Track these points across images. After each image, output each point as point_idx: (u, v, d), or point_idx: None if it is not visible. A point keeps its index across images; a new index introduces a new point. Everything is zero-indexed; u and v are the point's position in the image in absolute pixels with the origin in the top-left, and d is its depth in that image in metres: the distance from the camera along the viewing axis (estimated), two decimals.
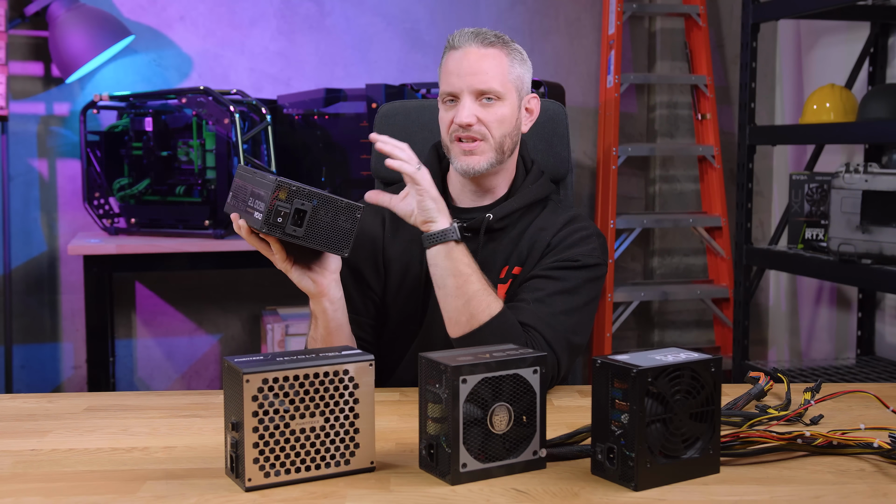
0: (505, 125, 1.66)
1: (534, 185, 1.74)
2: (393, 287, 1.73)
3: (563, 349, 1.57)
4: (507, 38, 1.70)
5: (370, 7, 3.72)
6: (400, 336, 1.73)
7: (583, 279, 1.64)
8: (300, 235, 1.42)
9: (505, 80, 1.66)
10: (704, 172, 3.89)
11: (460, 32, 1.68)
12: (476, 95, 1.64)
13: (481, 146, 1.65)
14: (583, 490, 1.12)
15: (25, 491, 1.12)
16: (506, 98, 1.66)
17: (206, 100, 3.05)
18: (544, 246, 1.67)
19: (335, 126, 3.31)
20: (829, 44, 3.48)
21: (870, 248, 2.58)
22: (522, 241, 1.70)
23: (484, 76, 1.63)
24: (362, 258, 1.72)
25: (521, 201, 1.71)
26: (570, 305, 1.61)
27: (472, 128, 1.64)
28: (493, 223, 1.68)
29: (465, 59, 1.64)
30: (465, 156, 1.66)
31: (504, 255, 1.70)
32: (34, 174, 3.51)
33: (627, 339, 4.05)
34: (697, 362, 1.14)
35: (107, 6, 3.49)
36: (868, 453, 1.24)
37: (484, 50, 1.65)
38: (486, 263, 1.68)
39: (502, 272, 1.69)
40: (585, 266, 1.64)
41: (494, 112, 1.65)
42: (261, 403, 1.11)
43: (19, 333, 3.51)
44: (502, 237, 1.71)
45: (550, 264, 1.64)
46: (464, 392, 1.12)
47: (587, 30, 3.91)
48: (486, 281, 1.54)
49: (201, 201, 3.11)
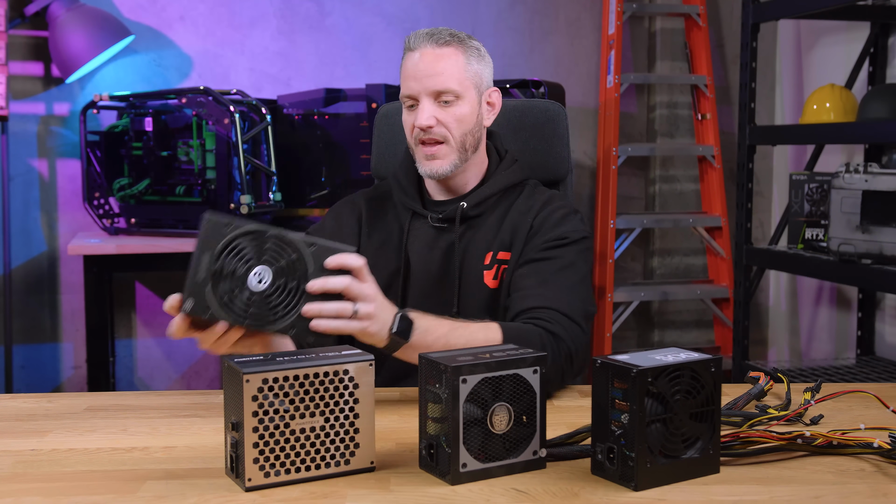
0: (465, 124, 1.67)
1: (507, 171, 1.75)
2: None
3: (583, 319, 1.59)
4: (464, 36, 1.70)
5: (370, 7, 3.72)
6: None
7: (576, 252, 1.66)
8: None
9: (462, 78, 1.66)
10: (704, 172, 3.89)
11: (415, 34, 1.68)
12: (434, 97, 1.66)
13: (443, 149, 1.67)
14: (583, 490, 1.12)
15: (25, 491, 1.12)
16: (464, 96, 1.67)
17: (206, 100, 3.05)
18: (528, 229, 1.69)
19: (335, 126, 3.31)
20: (829, 44, 3.48)
21: (870, 248, 2.58)
22: (504, 226, 1.71)
23: (440, 77, 1.65)
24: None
25: (493, 187, 1.73)
26: (575, 279, 1.63)
27: (432, 130, 1.66)
28: (469, 210, 1.71)
29: (421, 61, 1.66)
30: (428, 160, 1.68)
31: (486, 241, 1.71)
32: (34, 174, 3.51)
33: (627, 339, 4.05)
34: (697, 362, 1.14)
35: (107, 6, 3.49)
36: (868, 453, 1.24)
37: (439, 50, 1.66)
38: (468, 252, 1.70)
39: (486, 258, 1.70)
40: (575, 241, 1.67)
41: (453, 112, 1.66)
42: (261, 403, 1.11)
43: (19, 333, 3.51)
44: (481, 224, 1.72)
45: (542, 246, 1.66)
46: (464, 392, 1.12)
47: (587, 30, 3.91)
48: (465, 323, 1.49)
49: (201, 201, 3.11)
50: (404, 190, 1.77)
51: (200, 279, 1.26)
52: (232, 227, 1.26)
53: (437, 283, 1.72)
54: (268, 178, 3.17)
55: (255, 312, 1.26)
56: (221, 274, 1.25)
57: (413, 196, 1.76)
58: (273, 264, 1.27)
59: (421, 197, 1.78)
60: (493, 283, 1.69)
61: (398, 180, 1.79)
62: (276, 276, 1.26)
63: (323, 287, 1.28)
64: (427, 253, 1.73)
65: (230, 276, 1.25)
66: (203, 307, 1.25)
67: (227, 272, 1.25)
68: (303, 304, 1.27)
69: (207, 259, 1.26)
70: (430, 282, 1.72)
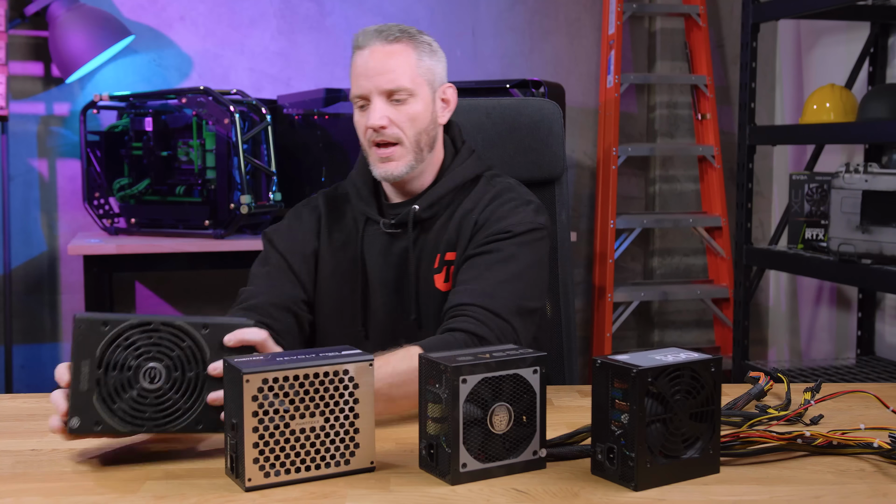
0: (419, 122, 1.61)
1: (460, 166, 1.68)
2: (323, 286, 1.68)
3: (512, 314, 1.51)
4: (414, 31, 1.64)
5: (370, 7, 3.72)
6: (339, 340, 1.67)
7: (518, 244, 1.58)
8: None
9: (414, 74, 1.60)
10: (704, 172, 3.89)
11: (363, 31, 1.62)
12: (386, 95, 1.59)
13: (397, 151, 1.61)
14: (583, 490, 1.12)
15: (25, 491, 1.12)
16: (417, 94, 1.60)
17: (206, 100, 3.05)
18: (472, 225, 1.62)
19: (335, 126, 3.30)
20: (829, 44, 3.48)
21: (870, 248, 2.58)
22: (451, 224, 1.64)
23: (391, 75, 1.58)
24: (296, 250, 1.68)
25: (446, 186, 1.66)
26: (510, 273, 1.55)
27: (385, 130, 1.59)
28: (421, 213, 1.64)
29: (370, 59, 1.59)
30: (383, 163, 1.61)
31: (434, 243, 1.64)
32: (34, 174, 3.51)
33: (627, 339, 4.05)
34: (697, 362, 1.14)
35: (107, 6, 3.49)
36: (868, 453, 1.24)
37: (389, 47, 1.60)
38: (422, 256, 1.64)
39: (436, 261, 1.64)
40: (519, 234, 1.58)
41: (406, 111, 1.60)
42: (261, 403, 1.11)
43: (19, 333, 3.51)
44: (432, 226, 1.65)
45: (482, 240, 1.59)
46: (464, 392, 1.12)
47: (587, 30, 3.91)
48: (386, 357, 1.38)
49: (201, 201, 3.11)
50: (360, 194, 1.70)
51: (84, 390, 1.13)
52: (109, 325, 1.14)
53: (394, 292, 1.66)
54: (268, 178, 3.17)
55: (154, 416, 1.16)
56: (107, 380, 1.14)
57: (368, 200, 1.69)
58: (164, 358, 1.16)
59: (378, 200, 1.71)
60: (444, 286, 1.63)
61: (354, 183, 1.72)
62: (170, 369, 1.17)
63: None
64: (382, 261, 1.67)
65: (118, 380, 1.14)
66: (92, 422, 1.14)
67: (114, 377, 1.14)
68: (206, 393, 1.18)
69: (88, 366, 1.13)
70: (388, 291, 1.66)
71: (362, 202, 1.70)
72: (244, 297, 1.64)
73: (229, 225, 3.06)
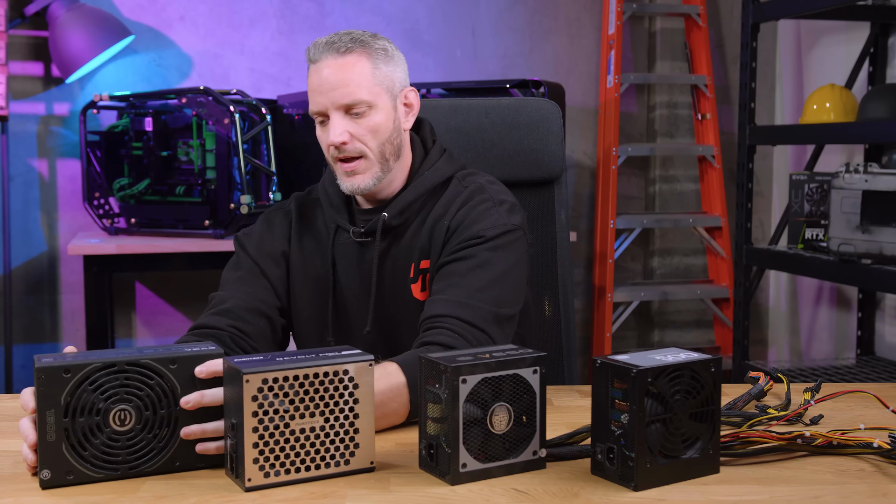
0: (381, 133, 1.56)
1: (430, 170, 1.63)
2: (296, 290, 1.66)
3: (489, 323, 1.47)
4: (367, 37, 1.57)
5: (370, 7, 3.72)
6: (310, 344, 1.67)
7: (491, 249, 1.53)
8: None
9: (371, 85, 1.54)
10: (704, 172, 3.89)
11: (315, 44, 1.57)
12: (344, 110, 1.54)
13: (362, 164, 1.56)
14: (583, 490, 1.12)
15: (25, 491, 1.12)
16: (376, 104, 1.55)
17: (206, 100, 3.05)
18: (444, 231, 1.57)
19: None
20: (829, 44, 3.48)
21: (870, 248, 2.58)
22: (422, 231, 1.60)
23: (346, 89, 1.53)
24: (267, 255, 1.66)
25: (415, 192, 1.61)
26: (486, 279, 1.50)
27: (346, 146, 1.54)
28: (391, 220, 1.59)
29: (324, 74, 1.54)
30: (349, 177, 1.57)
31: (408, 252, 1.60)
32: (34, 174, 3.51)
33: (627, 339, 4.05)
34: (697, 362, 1.14)
35: (107, 6, 3.49)
36: (868, 453, 1.24)
37: (341, 59, 1.54)
38: (395, 265, 1.61)
39: (411, 270, 1.60)
40: (491, 238, 1.54)
41: (366, 123, 1.54)
42: (261, 403, 1.11)
43: (19, 333, 3.51)
44: (404, 234, 1.61)
45: (455, 247, 1.55)
46: (463, 392, 1.12)
47: (587, 30, 3.91)
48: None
49: (201, 201, 3.11)
50: (331, 201, 1.66)
51: (52, 440, 1.09)
52: (71, 371, 1.09)
53: (364, 302, 1.63)
54: (268, 178, 3.17)
55: (128, 458, 1.13)
56: (75, 427, 1.10)
57: (339, 208, 1.65)
58: (133, 399, 1.12)
59: (349, 206, 1.66)
60: (422, 295, 1.59)
61: (325, 190, 1.68)
62: (141, 409, 1.13)
63: (199, 401, 1.15)
64: (352, 270, 1.64)
65: (86, 425, 1.10)
66: (64, 473, 1.10)
67: (81, 423, 1.10)
68: (180, 429, 1.15)
69: (54, 416, 1.09)
70: (358, 300, 1.63)
71: (333, 209, 1.66)
72: (216, 301, 1.60)
73: (229, 225, 3.06)
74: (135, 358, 1.13)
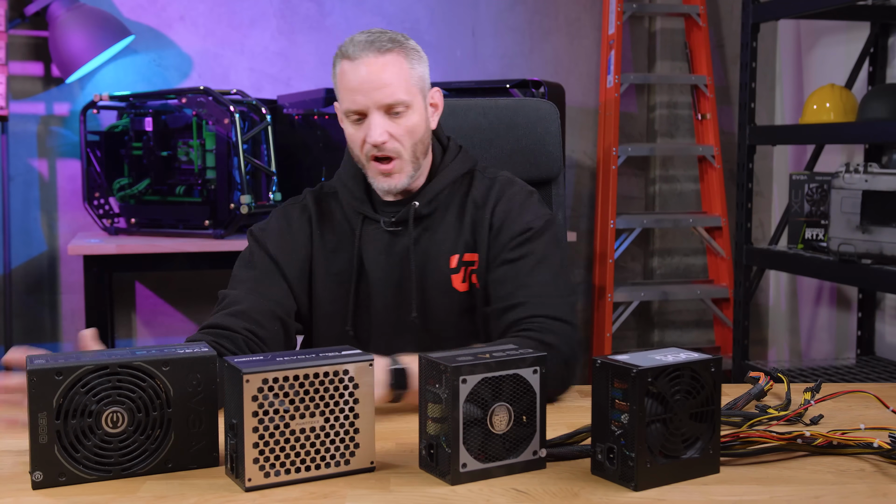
0: (416, 133, 1.59)
1: (453, 162, 1.68)
2: (318, 289, 1.67)
3: (569, 313, 1.55)
4: (402, 38, 1.60)
5: (370, 7, 3.72)
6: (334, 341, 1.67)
7: (545, 242, 1.62)
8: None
9: (409, 85, 1.57)
10: (704, 172, 3.89)
11: (352, 40, 1.57)
12: (384, 110, 1.56)
13: (397, 165, 1.59)
14: (583, 490, 1.12)
15: (25, 491, 1.12)
16: (413, 104, 1.58)
17: (206, 100, 3.05)
18: (487, 227, 1.63)
19: (335, 126, 3.30)
20: (829, 44, 3.48)
21: (870, 248, 2.58)
22: (464, 224, 1.65)
23: (388, 89, 1.55)
24: (289, 257, 1.65)
25: (443, 181, 1.66)
26: (551, 273, 1.59)
27: (385, 145, 1.57)
28: (422, 209, 1.64)
29: (365, 72, 1.54)
30: (384, 177, 1.60)
31: (448, 242, 1.64)
32: (34, 174, 3.51)
33: (627, 339, 4.05)
34: (697, 362, 1.14)
35: (107, 6, 3.49)
36: (868, 453, 1.24)
37: (382, 58, 1.55)
38: (429, 254, 1.64)
39: (452, 261, 1.64)
40: (541, 229, 1.62)
41: (405, 123, 1.57)
42: (261, 403, 1.11)
43: (19, 333, 3.51)
44: (439, 224, 1.65)
45: (510, 245, 1.61)
46: (464, 392, 1.12)
47: (587, 30, 3.91)
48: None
49: (201, 201, 3.11)
50: (352, 193, 1.67)
51: (44, 443, 1.09)
52: (63, 373, 1.09)
53: (397, 290, 1.65)
54: (268, 178, 3.17)
55: (120, 460, 1.13)
56: (67, 429, 1.10)
57: (362, 199, 1.67)
58: (126, 401, 1.12)
59: (370, 198, 1.68)
60: (462, 286, 1.63)
61: (345, 184, 1.69)
62: (133, 412, 1.13)
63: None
64: (383, 259, 1.65)
65: (78, 427, 1.10)
66: (56, 474, 1.11)
67: (74, 424, 1.10)
68: (173, 431, 1.15)
69: (46, 418, 1.09)
70: (390, 289, 1.65)
71: (357, 201, 1.67)
72: (229, 300, 1.60)
73: (229, 225, 3.06)
74: (127, 360, 1.13)
